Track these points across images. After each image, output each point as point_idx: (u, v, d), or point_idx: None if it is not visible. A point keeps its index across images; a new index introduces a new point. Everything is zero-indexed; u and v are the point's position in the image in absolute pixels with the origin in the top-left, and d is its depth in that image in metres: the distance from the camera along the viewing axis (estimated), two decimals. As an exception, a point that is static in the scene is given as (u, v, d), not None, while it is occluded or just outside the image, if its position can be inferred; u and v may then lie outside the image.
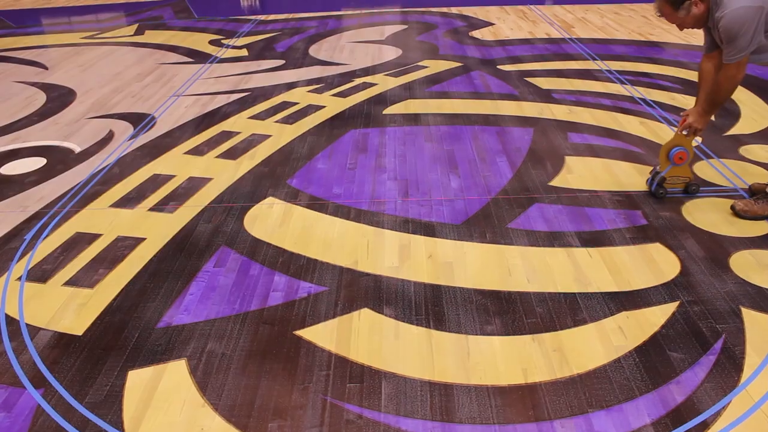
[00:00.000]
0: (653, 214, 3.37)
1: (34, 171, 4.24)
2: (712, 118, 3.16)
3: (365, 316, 2.68)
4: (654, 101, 5.02)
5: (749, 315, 2.61)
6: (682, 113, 3.42)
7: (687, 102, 4.96)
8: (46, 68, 6.93)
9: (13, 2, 12.39)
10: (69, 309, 2.81)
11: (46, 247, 3.31)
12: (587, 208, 3.46)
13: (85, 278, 3.02)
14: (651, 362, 2.38)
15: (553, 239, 3.18)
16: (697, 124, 3.33)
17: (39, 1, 12.48)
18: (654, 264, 2.96)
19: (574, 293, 2.78)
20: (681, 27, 3.14)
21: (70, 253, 3.23)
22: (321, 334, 2.58)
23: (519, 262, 3.00)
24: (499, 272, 2.94)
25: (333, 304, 2.76)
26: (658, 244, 3.11)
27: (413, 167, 4.02)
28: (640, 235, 3.20)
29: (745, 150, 4.10)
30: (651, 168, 3.78)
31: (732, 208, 3.36)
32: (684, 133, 3.41)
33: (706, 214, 3.36)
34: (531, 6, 9.24)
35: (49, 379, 2.42)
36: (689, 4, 3.03)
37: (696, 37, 7.02)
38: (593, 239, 3.17)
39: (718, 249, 3.06)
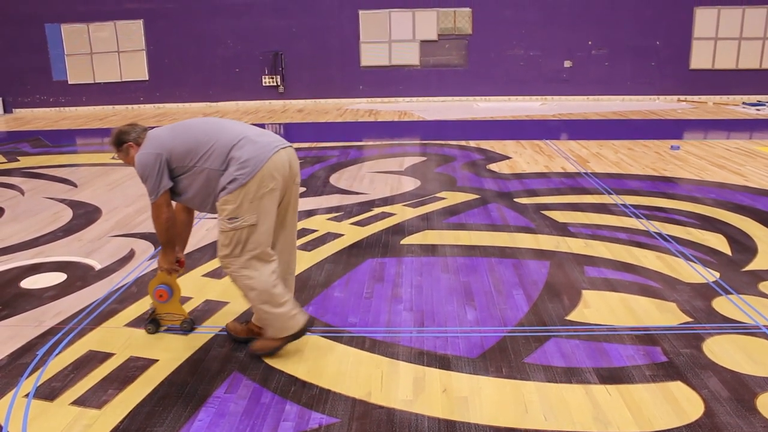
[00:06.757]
0: (673, 351, 3.31)
1: (53, 286, 4.29)
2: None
3: (377, 450, 2.59)
4: (670, 236, 5.06)
5: (779, 464, 2.49)
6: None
7: (702, 237, 5.00)
8: (75, 186, 7.19)
9: (52, 123, 13.04)
10: (73, 430, 2.74)
11: (58, 363, 3.29)
12: (605, 343, 3.40)
13: (94, 398, 2.98)
14: None
15: (571, 375, 3.11)
16: (160, 263, 3.48)
17: (76, 122, 13.12)
18: (676, 403, 2.87)
19: (594, 434, 2.68)
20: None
21: (80, 372, 3.21)
22: (330, 469, 2.49)
23: (536, 399, 2.93)
24: (515, 409, 2.86)
25: (344, 436, 2.68)
26: (679, 383, 3.03)
27: (429, 298, 4.02)
28: (661, 372, 3.12)
29: (765, 286, 4.07)
30: (672, 302, 3.76)
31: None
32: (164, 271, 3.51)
33: (728, 352, 3.28)
34: (547, 141, 9.55)
35: (46, 507, 2.33)
36: (127, 146, 3.28)
37: (708, 173, 7.17)
38: (612, 376, 3.10)
39: (743, 389, 2.97)
